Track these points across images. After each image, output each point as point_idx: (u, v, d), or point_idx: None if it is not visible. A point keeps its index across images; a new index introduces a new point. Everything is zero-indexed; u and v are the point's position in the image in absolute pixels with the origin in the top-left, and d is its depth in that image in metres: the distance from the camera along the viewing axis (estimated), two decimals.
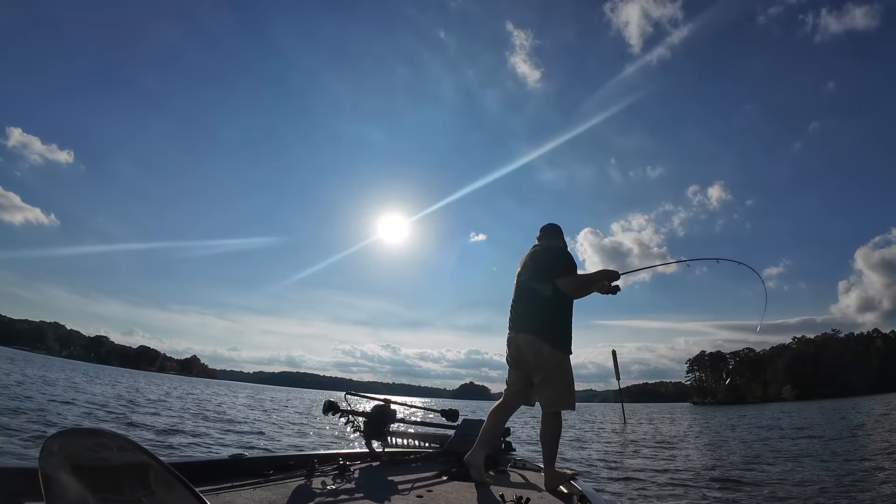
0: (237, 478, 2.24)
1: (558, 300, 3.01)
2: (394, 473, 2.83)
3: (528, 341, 3.01)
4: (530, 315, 3.07)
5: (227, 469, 2.32)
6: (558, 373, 2.96)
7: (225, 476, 2.23)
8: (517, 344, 3.07)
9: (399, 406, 3.62)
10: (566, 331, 3.04)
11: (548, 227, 3.39)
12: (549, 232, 3.37)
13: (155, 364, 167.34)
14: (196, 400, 20.24)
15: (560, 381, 2.96)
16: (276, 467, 2.52)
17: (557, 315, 3.02)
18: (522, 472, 3.29)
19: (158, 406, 14.26)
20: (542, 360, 2.97)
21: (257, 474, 2.36)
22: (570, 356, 3.04)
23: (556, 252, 3.18)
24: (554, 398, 2.94)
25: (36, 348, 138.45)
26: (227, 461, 2.37)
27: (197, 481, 1.52)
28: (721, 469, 7.77)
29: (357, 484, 2.51)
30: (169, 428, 9.11)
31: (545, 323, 3.01)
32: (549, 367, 2.95)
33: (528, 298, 3.12)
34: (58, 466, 1.01)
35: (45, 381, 18.38)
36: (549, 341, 2.96)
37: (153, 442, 7.35)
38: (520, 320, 3.11)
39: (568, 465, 8.28)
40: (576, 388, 3.04)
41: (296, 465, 2.63)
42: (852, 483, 6.17)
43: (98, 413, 10.26)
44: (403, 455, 3.35)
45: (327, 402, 3.22)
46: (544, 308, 3.03)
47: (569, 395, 2.97)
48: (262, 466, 2.47)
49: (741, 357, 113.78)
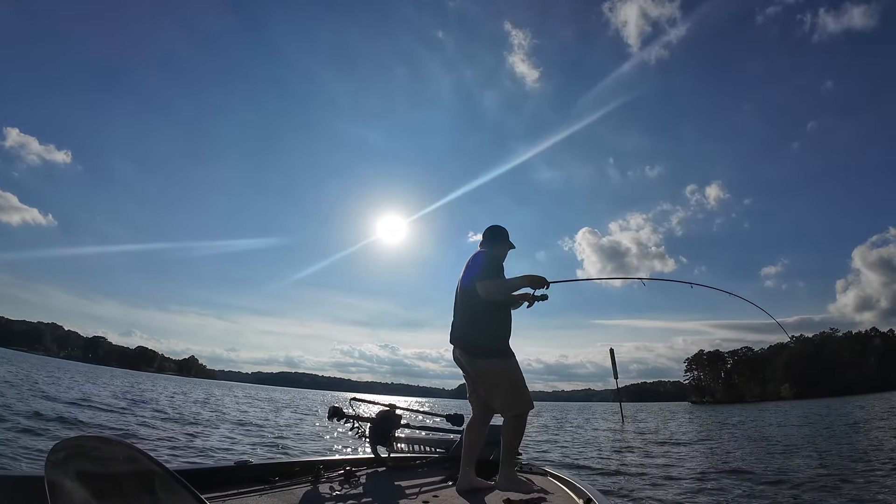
0: (243, 484, 2.24)
1: (485, 307, 2.89)
2: (400, 479, 2.83)
3: (460, 354, 2.96)
4: (459, 326, 3.00)
5: (233, 476, 2.32)
6: (501, 378, 2.86)
7: (230, 483, 2.22)
8: (455, 357, 3.02)
9: (404, 411, 3.62)
10: (497, 335, 2.92)
11: (485, 231, 3.25)
12: (485, 236, 3.23)
13: (153, 365, 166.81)
14: (218, 405, 20.18)
15: (505, 386, 2.86)
16: (281, 474, 2.51)
17: (484, 323, 2.90)
18: (529, 475, 3.27)
19: (191, 409, 14.23)
20: (477, 371, 2.90)
21: (263, 481, 2.36)
22: (512, 357, 2.92)
23: (479, 257, 3.04)
24: (505, 404, 2.86)
25: (33, 349, 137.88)
26: (232, 468, 2.37)
27: (202, 488, 1.52)
28: (719, 468, 7.79)
29: (363, 490, 2.51)
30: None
31: (474, 333, 2.92)
32: (489, 377, 2.88)
33: (458, 309, 3.05)
34: (63, 474, 1.02)
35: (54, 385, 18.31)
36: (479, 353, 2.89)
37: (173, 448, 7.34)
38: (452, 332, 3.04)
39: (566, 464, 8.31)
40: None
41: (301, 471, 2.63)
42: (851, 481, 6.20)
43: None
44: (409, 460, 3.34)
45: (332, 409, 3.22)
46: (472, 318, 2.94)
47: (518, 398, 2.86)
48: (268, 473, 2.47)
49: (739, 356, 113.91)
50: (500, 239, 3.18)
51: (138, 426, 9.49)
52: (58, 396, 13.21)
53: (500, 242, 3.17)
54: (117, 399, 15.41)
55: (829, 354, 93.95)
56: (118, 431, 8.48)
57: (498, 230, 3.21)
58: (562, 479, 3.04)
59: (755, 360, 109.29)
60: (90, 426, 8.58)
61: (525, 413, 2.89)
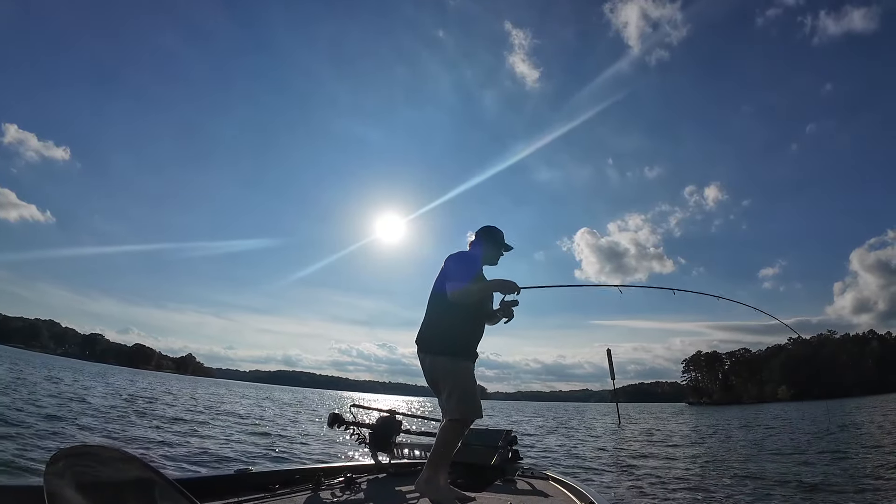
0: (243, 493, 2.22)
1: (450, 309, 2.74)
2: (401, 485, 2.81)
3: (420, 353, 2.82)
4: (423, 326, 2.87)
5: (233, 484, 2.30)
6: (447, 378, 2.69)
7: (230, 491, 2.20)
8: (420, 360, 2.85)
9: (404, 417, 3.61)
10: (455, 335, 2.75)
11: (477, 231, 3.08)
12: (476, 235, 3.07)
13: (150, 363, 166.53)
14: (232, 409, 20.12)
15: (449, 387, 2.66)
16: (281, 481, 2.50)
17: (446, 323, 2.77)
18: (530, 480, 3.28)
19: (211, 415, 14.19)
20: (428, 368, 2.76)
21: (263, 489, 2.34)
22: (466, 360, 2.76)
23: (454, 258, 2.87)
24: (447, 406, 2.65)
25: (30, 346, 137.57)
26: (232, 476, 2.35)
27: (202, 497, 1.51)
28: (718, 470, 7.80)
29: (364, 497, 2.50)
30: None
31: (432, 331, 2.80)
32: (437, 374, 2.72)
33: (427, 309, 2.89)
34: (63, 484, 1.01)
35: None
36: (431, 350, 2.76)
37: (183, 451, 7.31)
38: (418, 334, 2.88)
39: (564, 465, 8.31)
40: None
41: (302, 478, 2.61)
42: (848, 482, 6.21)
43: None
44: (410, 467, 3.31)
45: (332, 415, 3.20)
46: (437, 318, 2.81)
47: (460, 402, 2.62)
48: (268, 481, 2.45)
49: (737, 357, 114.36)
50: (489, 240, 3.01)
51: (141, 431, 9.47)
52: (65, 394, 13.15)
53: (488, 243, 3.00)
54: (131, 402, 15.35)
55: (827, 356, 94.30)
56: (118, 436, 8.46)
57: (488, 231, 3.04)
58: (564, 483, 3.04)
59: (752, 362, 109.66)
60: (94, 430, 8.54)
61: (464, 420, 2.63)
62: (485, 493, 2.78)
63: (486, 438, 3.54)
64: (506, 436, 3.58)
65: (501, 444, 3.49)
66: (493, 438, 3.56)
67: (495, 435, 3.60)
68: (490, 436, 3.59)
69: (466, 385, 2.67)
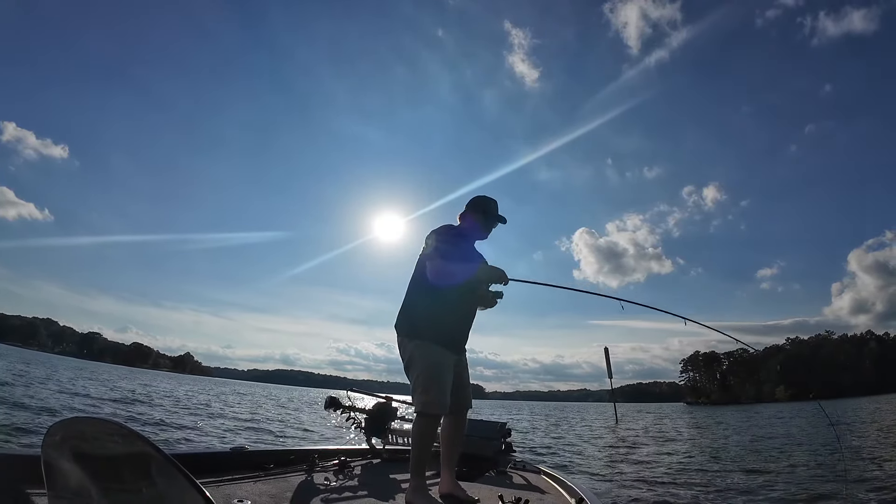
0: (238, 470, 2.28)
1: (430, 288, 2.42)
2: (394, 471, 2.85)
3: (397, 340, 2.55)
4: (400, 307, 2.58)
5: (229, 462, 2.35)
6: (411, 365, 2.39)
7: (226, 468, 2.26)
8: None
9: (400, 404, 3.64)
10: (426, 315, 2.42)
11: (468, 202, 2.73)
12: (466, 206, 2.72)
13: (148, 361, 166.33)
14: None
15: (413, 373, 2.38)
16: (276, 461, 2.55)
17: (419, 302, 2.48)
18: (523, 473, 3.31)
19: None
20: (401, 354, 2.48)
21: (258, 468, 2.39)
22: (429, 343, 2.38)
23: (437, 233, 2.53)
24: (412, 396, 2.37)
25: (28, 344, 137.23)
26: (228, 454, 2.42)
27: (198, 473, 1.54)
28: (713, 469, 7.84)
29: (357, 480, 2.55)
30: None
31: (405, 312, 2.52)
32: (406, 360, 2.43)
33: (407, 289, 2.60)
34: (60, 454, 1.03)
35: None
36: (402, 331, 2.48)
37: None
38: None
39: (559, 463, 8.33)
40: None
41: (296, 459, 2.67)
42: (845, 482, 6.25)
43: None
44: (404, 453, 3.37)
45: (329, 398, 3.27)
46: (413, 297, 2.53)
47: (418, 390, 2.31)
48: (263, 460, 2.50)
49: (735, 357, 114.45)
50: (479, 212, 2.66)
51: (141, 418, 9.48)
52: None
53: (477, 214, 2.65)
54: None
55: (825, 357, 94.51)
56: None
57: (478, 201, 2.68)
58: (555, 477, 3.07)
59: (750, 362, 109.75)
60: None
61: (425, 414, 2.28)
62: (476, 484, 2.80)
63: (483, 429, 3.57)
64: (500, 428, 3.61)
65: (496, 436, 3.52)
66: (489, 429, 3.59)
67: (490, 426, 3.63)
68: (486, 427, 3.62)
69: (431, 372, 2.31)
